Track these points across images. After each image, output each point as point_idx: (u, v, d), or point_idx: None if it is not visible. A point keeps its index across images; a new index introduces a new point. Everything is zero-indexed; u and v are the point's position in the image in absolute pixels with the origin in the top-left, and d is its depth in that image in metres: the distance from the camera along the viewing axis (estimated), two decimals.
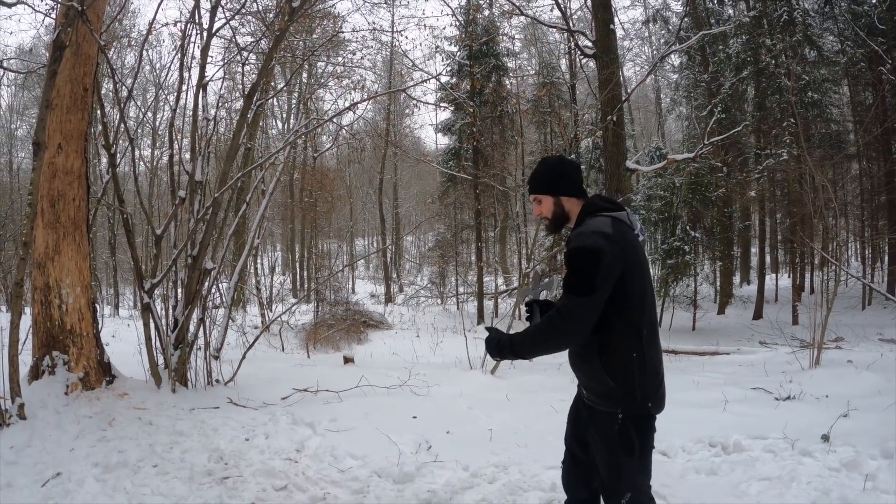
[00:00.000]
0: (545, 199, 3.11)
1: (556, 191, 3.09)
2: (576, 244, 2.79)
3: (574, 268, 2.76)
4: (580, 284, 2.73)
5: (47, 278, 6.68)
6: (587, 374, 2.97)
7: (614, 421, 2.87)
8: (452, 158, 27.17)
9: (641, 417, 2.89)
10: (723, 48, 22.88)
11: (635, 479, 2.94)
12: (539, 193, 3.14)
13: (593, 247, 2.73)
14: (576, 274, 2.75)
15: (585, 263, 2.74)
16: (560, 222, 3.11)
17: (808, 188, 13.34)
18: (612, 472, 2.94)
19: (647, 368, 2.86)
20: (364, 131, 20.89)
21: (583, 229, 2.84)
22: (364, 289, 37.99)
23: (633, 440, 2.86)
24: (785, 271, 28.10)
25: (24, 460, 5.02)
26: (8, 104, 37.59)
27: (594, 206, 2.97)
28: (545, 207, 3.12)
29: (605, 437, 2.92)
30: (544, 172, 3.13)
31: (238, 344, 12.22)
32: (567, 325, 2.75)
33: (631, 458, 2.88)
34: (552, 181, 3.10)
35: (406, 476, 4.92)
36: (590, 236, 2.77)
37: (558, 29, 21.10)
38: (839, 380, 7.65)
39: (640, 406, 2.86)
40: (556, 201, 3.09)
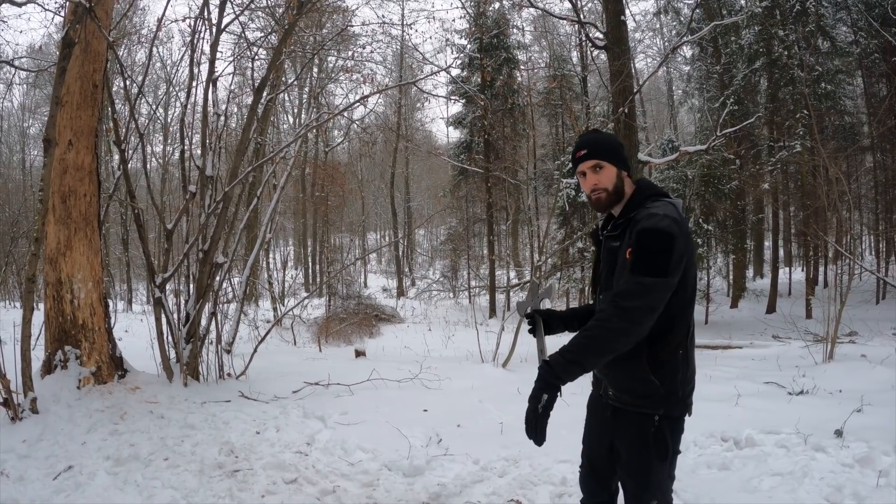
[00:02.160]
0: (609, 168, 2.75)
1: (621, 162, 2.77)
2: (650, 224, 2.52)
3: (648, 248, 2.50)
4: (654, 265, 2.48)
5: (59, 274, 6.71)
6: (627, 372, 2.68)
7: (650, 424, 2.67)
8: (464, 152, 27.12)
9: (677, 419, 2.72)
10: (735, 39, 22.72)
11: (663, 484, 2.76)
12: (603, 160, 2.74)
13: (669, 230, 2.49)
14: (649, 254, 2.49)
15: (661, 245, 2.49)
16: (616, 198, 2.76)
17: (821, 181, 13.24)
18: (641, 478, 2.74)
19: (690, 366, 2.73)
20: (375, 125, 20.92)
21: (654, 211, 2.56)
22: (376, 283, 38.03)
23: (668, 444, 2.67)
24: (798, 265, 27.94)
25: (36, 454, 5.05)
26: (20, 102, 37.84)
27: (653, 189, 2.74)
28: (606, 177, 2.74)
29: (637, 441, 2.71)
30: (609, 140, 2.82)
31: (250, 338, 12.26)
32: (634, 307, 2.45)
33: (663, 463, 2.70)
34: (618, 151, 2.78)
35: (416, 469, 4.91)
36: (664, 219, 2.52)
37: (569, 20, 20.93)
38: (853, 374, 7.61)
39: (681, 405, 2.70)
40: (619, 174, 2.75)
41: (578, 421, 3.15)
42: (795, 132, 19.69)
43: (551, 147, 29.24)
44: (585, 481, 3.11)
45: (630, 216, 2.67)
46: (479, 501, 4.39)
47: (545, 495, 4.37)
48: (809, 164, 17.95)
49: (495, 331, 11.47)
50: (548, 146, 30.00)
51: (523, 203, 29.24)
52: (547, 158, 28.93)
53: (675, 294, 2.56)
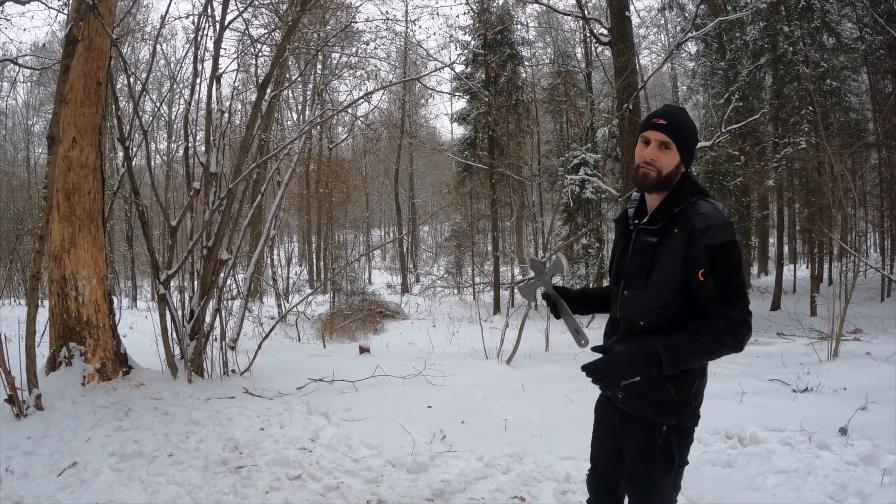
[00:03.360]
0: (674, 154, 2.55)
1: (688, 155, 2.60)
2: (725, 237, 2.37)
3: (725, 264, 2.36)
4: (740, 280, 2.38)
5: (63, 271, 6.72)
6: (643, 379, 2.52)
7: (658, 434, 2.57)
8: (468, 148, 27.12)
9: (687, 429, 2.62)
10: (740, 35, 22.63)
11: (668, 495, 2.66)
12: (676, 142, 2.55)
13: (733, 238, 2.40)
14: (730, 269, 2.36)
15: (738, 261, 2.39)
16: (663, 185, 2.56)
17: (826, 177, 13.21)
18: (645, 488, 2.65)
19: (705, 377, 2.65)
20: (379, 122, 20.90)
21: (710, 216, 2.41)
22: (380, 279, 38.09)
23: (675, 455, 2.58)
24: (803, 262, 27.87)
25: (40, 450, 5.06)
26: (24, 100, 37.91)
27: (697, 186, 2.58)
28: (667, 160, 2.54)
29: (643, 450, 2.61)
30: (692, 127, 2.62)
31: (254, 334, 12.28)
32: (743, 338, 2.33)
33: (668, 474, 2.60)
34: (693, 143, 2.62)
35: (420, 466, 4.92)
36: (725, 226, 2.40)
37: (573, 17, 20.95)
38: (857, 372, 7.58)
39: (693, 416, 2.61)
40: (679, 164, 2.57)
41: (582, 418, 3.15)
42: (800, 129, 19.62)
43: (555, 143, 29.24)
44: (592, 485, 3.03)
45: (673, 212, 2.51)
46: (483, 498, 4.40)
47: (549, 492, 4.37)
48: (814, 161, 17.90)
49: (499, 327, 11.47)
50: (552, 143, 30.00)
51: (527, 199, 29.25)
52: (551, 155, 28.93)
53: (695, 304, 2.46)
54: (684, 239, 2.42)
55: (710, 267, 2.35)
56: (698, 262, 2.37)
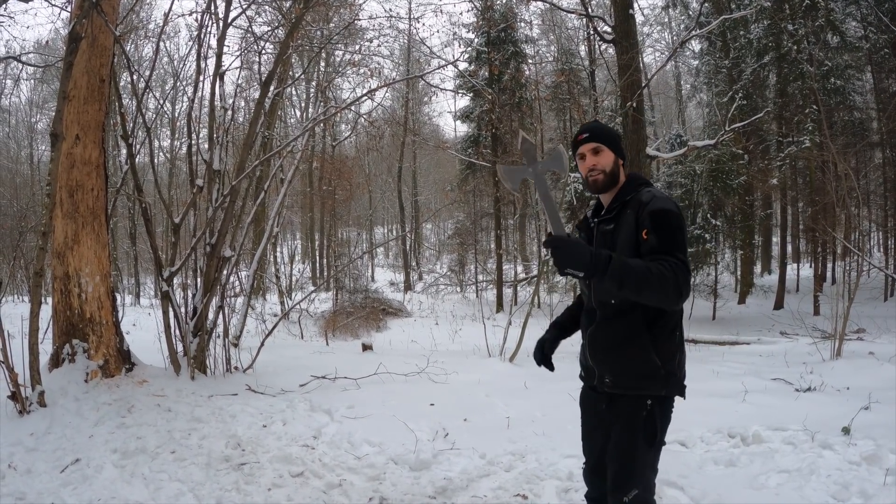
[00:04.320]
0: (608, 153, 2.91)
1: (618, 151, 2.94)
2: (663, 205, 2.65)
3: (670, 226, 2.60)
4: (682, 243, 2.59)
5: (67, 268, 6.73)
6: (628, 355, 2.75)
7: (642, 407, 2.73)
8: (471, 146, 27.07)
9: (670, 401, 2.80)
10: (744, 33, 22.58)
11: (646, 473, 2.78)
12: (604, 144, 2.91)
13: (674, 208, 2.65)
14: (672, 232, 2.59)
15: (678, 223, 2.62)
16: (611, 182, 2.90)
17: (830, 176, 13.20)
18: (626, 464, 2.76)
19: (683, 349, 2.82)
20: (382, 119, 20.88)
21: (656, 193, 2.73)
22: (383, 277, 38.05)
23: (657, 427, 2.73)
24: (806, 261, 27.81)
25: (43, 447, 5.08)
26: (27, 98, 37.94)
27: (643, 179, 2.93)
28: (605, 161, 2.89)
29: (627, 425, 2.76)
30: (609, 129, 3.00)
31: (257, 331, 12.28)
32: (684, 283, 2.45)
33: (650, 449, 2.74)
34: (616, 140, 2.96)
35: (422, 463, 4.92)
36: (670, 201, 2.69)
37: (577, 14, 20.89)
38: (860, 372, 7.58)
39: (680, 386, 2.78)
40: (615, 160, 2.91)
41: None
42: (804, 127, 19.59)
43: (559, 141, 29.18)
44: (588, 476, 3.16)
45: (625, 199, 2.82)
46: (486, 496, 4.40)
47: (551, 490, 4.37)
48: (818, 160, 17.87)
49: (502, 325, 11.47)
50: (556, 140, 29.94)
51: (531, 197, 29.21)
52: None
53: None
54: (634, 214, 2.71)
55: (651, 226, 2.60)
56: (642, 224, 2.65)
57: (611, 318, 2.82)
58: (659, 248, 2.56)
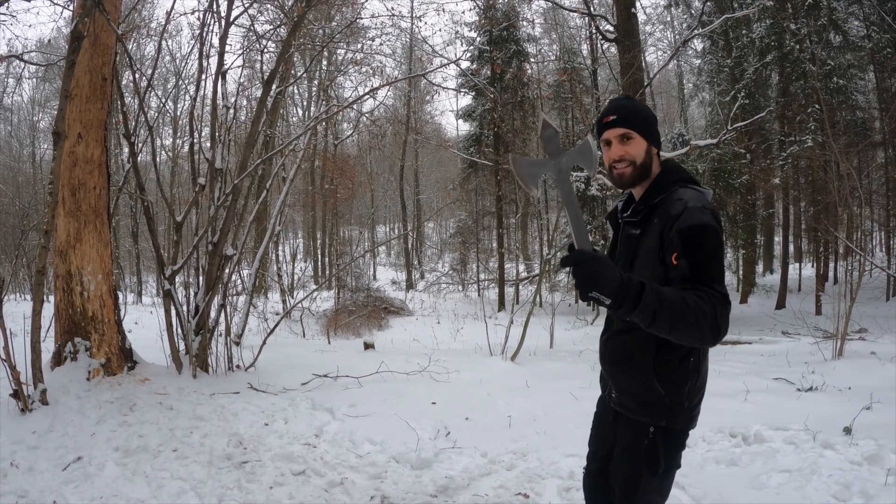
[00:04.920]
0: (639, 140, 2.45)
1: (653, 137, 2.48)
2: (698, 219, 2.21)
3: (698, 247, 2.19)
4: (716, 264, 2.19)
5: (69, 266, 6.74)
6: (631, 375, 2.49)
7: (644, 434, 2.47)
8: (473, 144, 27.05)
9: (677, 433, 2.49)
10: (746, 32, 22.55)
11: (650, 499, 2.53)
12: (634, 130, 2.44)
13: (709, 223, 2.22)
14: (704, 252, 2.18)
15: (710, 240, 2.20)
16: (642, 176, 2.47)
17: (832, 176, 13.18)
18: (628, 490, 2.54)
19: (701, 375, 2.49)
20: (384, 118, 20.86)
21: (689, 203, 2.26)
22: (385, 275, 38.05)
23: (660, 459, 2.46)
24: (808, 260, 27.78)
25: (45, 445, 5.08)
26: (30, 97, 37.97)
27: (681, 174, 2.45)
28: (635, 149, 2.44)
29: (630, 451, 2.52)
30: (644, 110, 2.52)
31: (259, 330, 12.29)
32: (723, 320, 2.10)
33: (652, 479, 2.48)
34: (652, 124, 2.49)
35: (424, 462, 4.93)
36: (700, 211, 2.23)
37: (579, 13, 20.91)
38: (862, 372, 7.58)
39: (685, 418, 2.47)
40: (648, 149, 2.46)
41: (586, 415, 3.14)
42: (807, 127, 19.56)
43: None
44: (587, 483, 2.93)
45: (654, 202, 2.41)
46: (487, 494, 4.40)
47: (552, 489, 4.37)
48: (821, 160, 17.84)
49: (504, 324, 11.46)
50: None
51: (533, 196, 29.19)
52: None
53: None
54: (660, 227, 2.31)
55: (683, 249, 2.20)
56: (671, 246, 2.24)
57: (622, 331, 2.54)
58: (691, 276, 2.17)
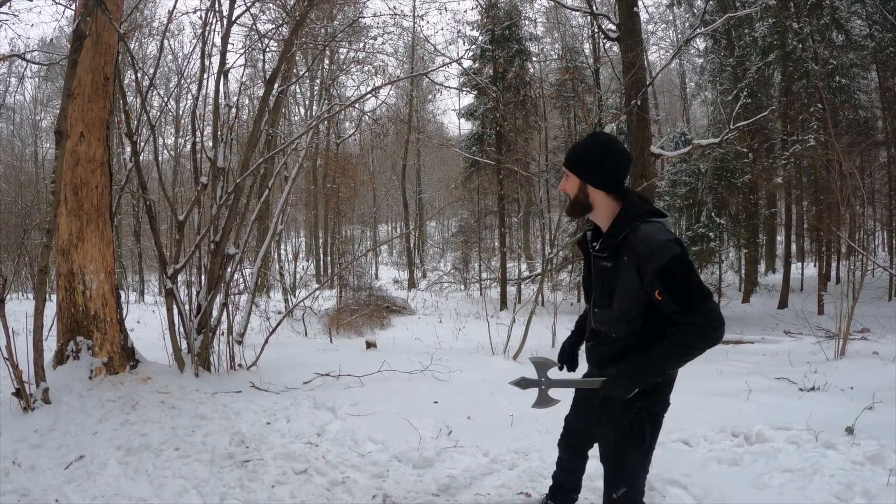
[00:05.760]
0: (572, 178, 2.84)
1: (586, 175, 2.80)
2: (665, 256, 2.58)
3: (679, 283, 2.57)
4: (697, 291, 2.57)
5: (71, 265, 6.74)
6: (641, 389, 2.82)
7: (630, 411, 2.82)
8: (475, 143, 27.05)
9: (659, 412, 2.88)
10: (749, 32, 22.54)
11: (636, 473, 2.94)
12: (568, 169, 2.85)
13: (677, 254, 2.58)
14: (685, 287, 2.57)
15: (685, 272, 2.58)
16: (578, 210, 2.87)
17: (835, 175, 13.16)
18: (616, 463, 2.94)
19: None
20: (387, 117, 20.89)
21: (652, 241, 2.62)
22: (387, 274, 38.08)
23: (646, 433, 2.82)
24: (811, 260, 27.78)
25: (47, 443, 5.09)
26: (32, 96, 38.02)
27: (640, 208, 2.76)
28: (569, 186, 2.85)
29: (617, 427, 2.89)
30: (584, 149, 2.83)
31: (261, 329, 12.28)
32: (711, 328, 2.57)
33: (638, 451, 2.87)
34: (587, 162, 2.80)
35: (426, 461, 4.92)
36: (666, 245, 2.59)
37: (581, 12, 20.85)
38: (864, 371, 7.58)
39: (661, 402, 2.89)
40: (581, 186, 2.82)
41: None
42: (809, 126, 19.55)
43: (563, 139, 29.14)
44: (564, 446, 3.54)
45: (618, 239, 2.74)
46: (489, 494, 4.40)
47: None
48: (823, 159, 17.84)
49: (506, 323, 11.47)
50: (560, 138, 29.89)
51: (535, 195, 29.19)
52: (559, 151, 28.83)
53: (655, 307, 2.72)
54: (634, 266, 2.67)
55: (663, 286, 2.59)
56: (652, 285, 2.62)
57: (605, 342, 2.96)
58: (677, 305, 2.59)
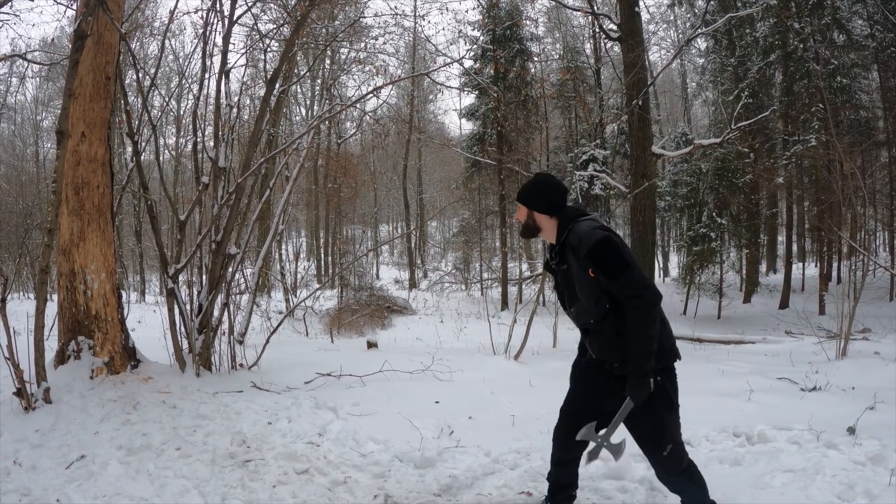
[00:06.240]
0: (521, 208, 3.59)
1: (531, 204, 3.55)
2: (589, 242, 3.20)
3: (605, 257, 3.17)
4: (619, 263, 3.15)
5: (72, 265, 6.74)
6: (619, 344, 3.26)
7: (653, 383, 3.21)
8: (476, 144, 27.02)
9: (670, 370, 3.33)
10: (750, 31, 22.54)
11: (674, 430, 3.37)
12: (519, 202, 3.61)
13: (600, 237, 3.19)
14: (609, 261, 3.16)
15: (607, 250, 3.17)
16: (529, 231, 3.62)
17: (836, 175, 13.15)
18: (656, 429, 3.32)
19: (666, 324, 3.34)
20: (388, 117, 20.88)
21: (580, 233, 3.28)
22: (388, 274, 38.07)
23: (671, 395, 3.29)
24: (812, 260, 27.75)
25: (49, 443, 5.08)
26: (33, 96, 38.03)
27: (571, 215, 3.44)
28: (520, 214, 3.60)
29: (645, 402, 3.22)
30: (529, 186, 3.60)
31: (262, 329, 12.29)
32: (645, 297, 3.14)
33: (671, 413, 3.32)
34: (530, 195, 3.56)
35: (427, 461, 4.92)
36: (592, 231, 3.24)
37: (582, 12, 20.87)
38: (866, 372, 7.56)
39: (670, 353, 3.31)
40: (529, 213, 3.56)
41: None
42: (810, 126, 19.55)
43: (564, 139, 29.16)
44: (560, 438, 3.75)
45: (562, 242, 3.43)
46: (491, 493, 4.40)
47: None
48: (824, 159, 17.84)
49: (507, 323, 11.47)
50: (561, 138, 29.93)
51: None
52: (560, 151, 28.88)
53: None
54: (576, 258, 3.31)
55: (593, 265, 3.21)
56: (586, 267, 3.25)
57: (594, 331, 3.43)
58: (607, 277, 3.18)
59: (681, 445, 3.40)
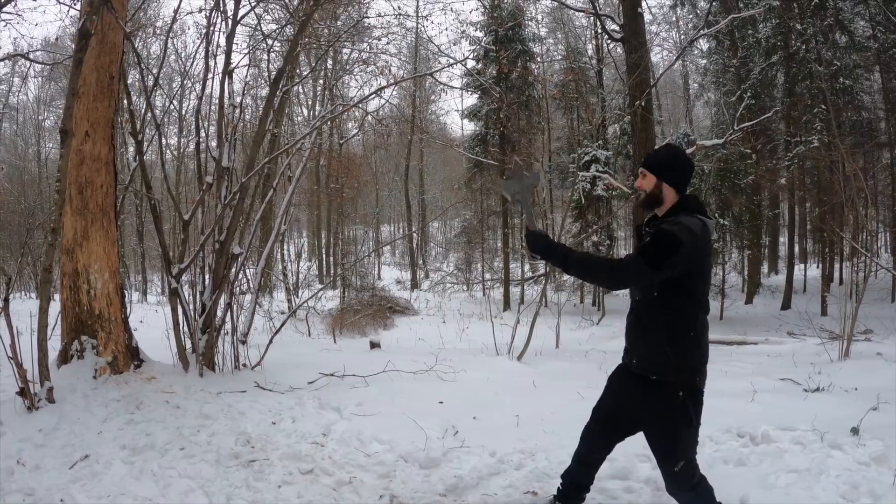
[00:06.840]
0: (650, 177, 3.40)
1: (662, 174, 3.38)
2: (668, 227, 3.14)
3: (657, 243, 3.12)
4: (653, 257, 3.11)
5: (76, 264, 6.75)
6: (647, 342, 3.34)
7: (675, 397, 3.24)
8: (479, 144, 27.00)
9: (695, 390, 3.31)
10: (752, 33, 22.52)
11: (689, 448, 3.35)
12: (648, 169, 3.42)
13: (679, 236, 3.09)
14: (655, 248, 3.12)
15: (665, 245, 3.10)
16: (652, 202, 3.41)
17: (838, 176, 13.16)
18: (670, 442, 3.33)
19: (701, 346, 3.32)
20: (390, 117, 20.88)
21: (679, 220, 3.18)
22: (390, 275, 38.07)
23: (691, 414, 3.27)
24: (814, 261, 27.72)
25: (52, 443, 5.08)
26: (35, 96, 38.02)
27: (691, 205, 3.32)
28: (647, 183, 3.42)
29: (664, 411, 3.29)
30: (662, 155, 3.47)
31: (265, 329, 12.29)
32: (623, 275, 3.21)
33: (689, 430, 3.30)
34: (664, 165, 3.39)
35: (432, 461, 4.92)
36: (680, 229, 3.12)
37: (585, 12, 20.88)
38: (869, 372, 7.56)
39: (691, 372, 3.29)
40: (657, 183, 3.38)
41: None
42: (813, 127, 19.52)
43: (567, 140, 29.14)
44: (590, 437, 3.78)
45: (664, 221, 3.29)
46: (496, 494, 4.40)
47: None
48: (826, 160, 17.83)
49: (510, 324, 11.46)
50: (563, 139, 29.89)
51: (538, 196, 29.19)
52: (562, 151, 28.84)
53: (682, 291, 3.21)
54: None
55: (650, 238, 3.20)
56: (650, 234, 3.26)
57: (639, 311, 3.41)
58: (639, 249, 3.21)
59: (693, 463, 3.40)
